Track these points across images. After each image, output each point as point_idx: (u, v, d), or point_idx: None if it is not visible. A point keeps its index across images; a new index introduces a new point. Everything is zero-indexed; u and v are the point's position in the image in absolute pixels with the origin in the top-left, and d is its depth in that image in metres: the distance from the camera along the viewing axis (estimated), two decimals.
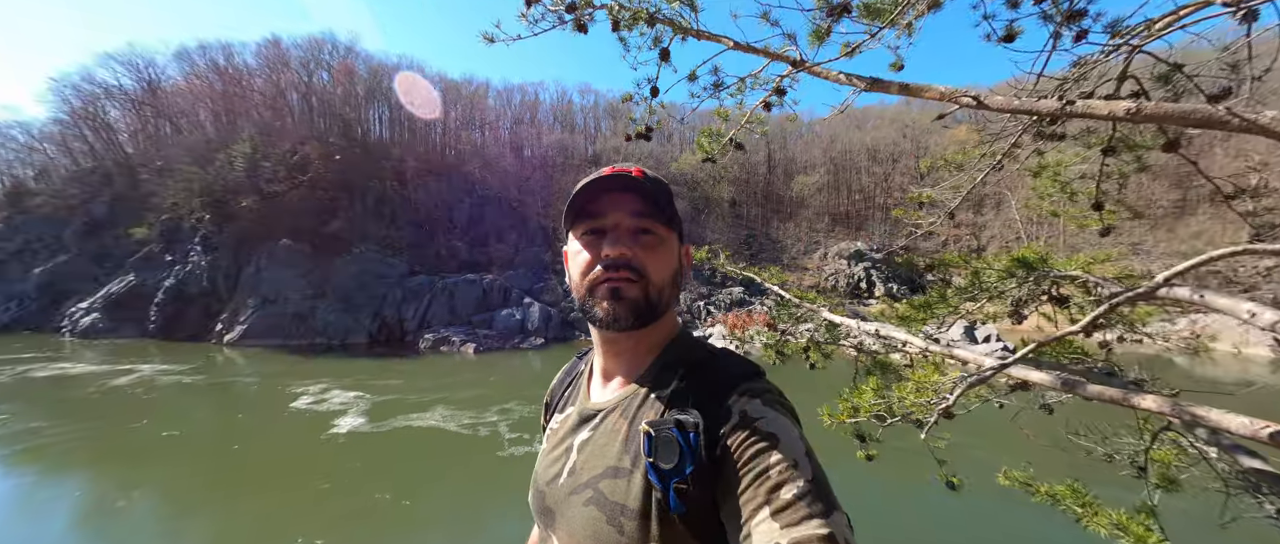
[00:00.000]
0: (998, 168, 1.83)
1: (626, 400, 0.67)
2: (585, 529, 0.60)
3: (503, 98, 52.03)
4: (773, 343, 2.29)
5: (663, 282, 0.67)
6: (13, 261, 31.84)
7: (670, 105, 2.06)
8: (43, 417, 14.71)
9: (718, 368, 0.65)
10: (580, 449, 0.68)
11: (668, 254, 0.69)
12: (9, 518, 9.34)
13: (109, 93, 41.28)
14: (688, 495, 0.54)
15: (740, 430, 0.56)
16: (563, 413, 0.78)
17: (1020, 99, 1.16)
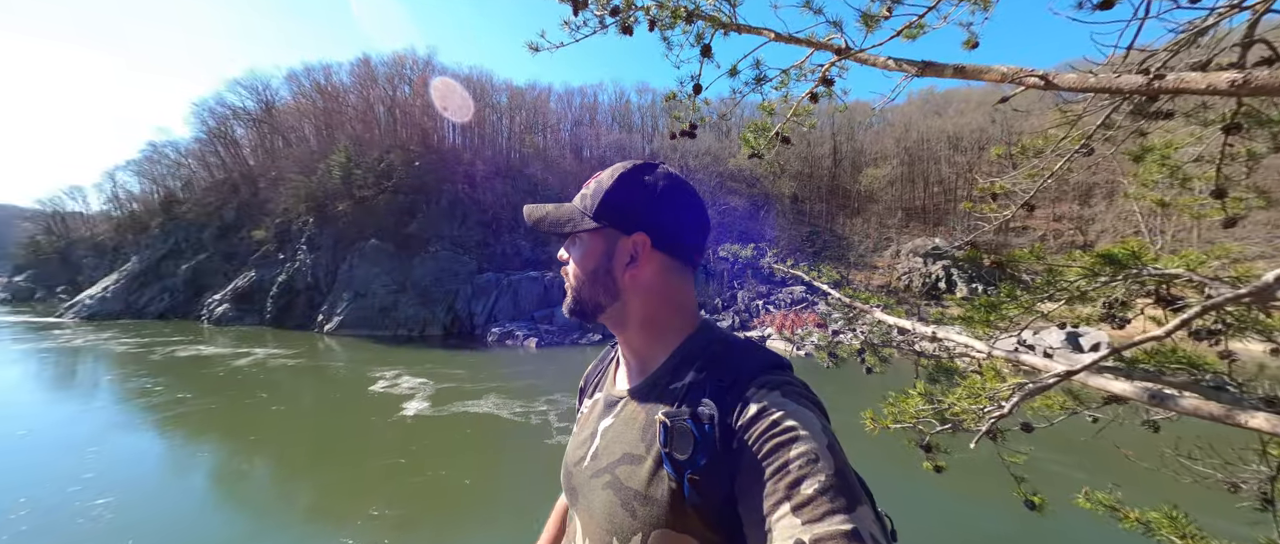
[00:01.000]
0: (1086, 152, 1.60)
1: (644, 390, 0.68)
2: (602, 511, 0.62)
3: (564, 101, 53.81)
4: (825, 344, 2.18)
5: (580, 282, 0.71)
6: (166, 260, 38.00)
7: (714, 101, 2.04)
8: (186, 389, 17.53)
9: (736, 360, 0.64)
10: (603, 434, 0.70)
11: (584, 255, 0.71)
12: (165, 473, 11.39)
13: (235, 113, 47.98)
14: (702, 487, 0.54)
15: (759, 422, 0.54)
16: (592, 398, 0.81)
17: (1096, 75, 1.01)
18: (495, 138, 47.36)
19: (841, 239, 39.53)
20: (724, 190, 41.66)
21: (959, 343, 1.55)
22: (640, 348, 0.71)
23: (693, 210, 0.70)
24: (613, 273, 0.68)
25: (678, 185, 0.69)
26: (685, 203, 0.69)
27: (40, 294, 45.73)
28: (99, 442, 13.10)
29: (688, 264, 0.71)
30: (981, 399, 1.48)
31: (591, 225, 0.69)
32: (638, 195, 0.68)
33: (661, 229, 0.67)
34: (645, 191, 0.68)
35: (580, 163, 45.01)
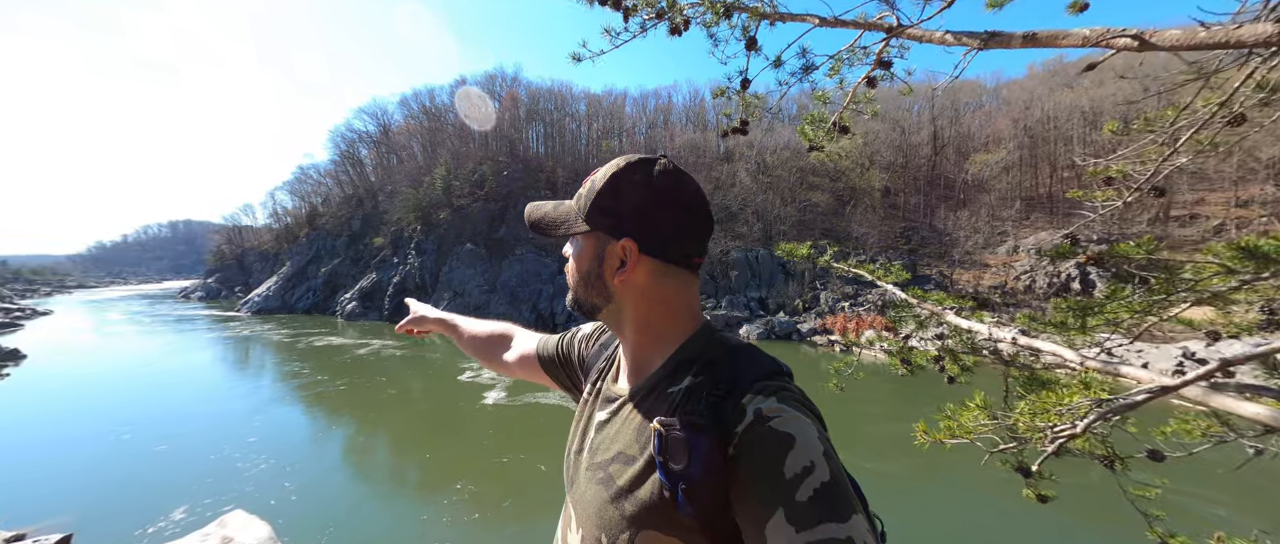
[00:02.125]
0: (1235, 122, 1.25)
1: (642, 393, 0.67)
2: (593, 506, 0.63)
3: (639, 104, 54.84)
4: (895, 349, 1.96)
5: (576, 282, 0.71)
6: (310, 264, 45.10)
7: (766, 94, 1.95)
8: (322, 372, 20.72)
9: (735, 365, 0.62)
10: (599, 429, 0.70)
11: (580, 258, 0.71)
12: (307, 446, 13.73)
13: (360, 137, 55.61)
14: (696, 496, 0.53)
15: (755, 429, 0.53)
16: (592, 385, 0.81)
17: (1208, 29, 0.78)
18: (574, 144, 49.59)
19: (943, 235, 35.43)
20: (805, 186, 39.49)
21: (1047, 350, 1.30)
22: (637, 350, 0.70)
23: (688, 211, 0.66)
24: (603, 277, 0.67)
25: (671, 184, 0.65)
26: (679, 203, 0.65)
27: (224, 293, 56.71)
28: (262, 412, 16.14)
29: (685, 267, 0.68)
30: (1049, 415, 1.25)
31: (583, 228, 0.68)
32: (627, 197, 0.65)
33: (650, 233, 0.65)
34: (635, 193, 0.65)
35: None
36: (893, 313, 2.00)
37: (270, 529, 3.73)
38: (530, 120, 49.58)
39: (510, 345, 1.11)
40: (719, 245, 32.87)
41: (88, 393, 18.01)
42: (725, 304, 29.66)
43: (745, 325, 27.83)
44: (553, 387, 1.00)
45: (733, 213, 38.51)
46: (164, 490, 10.38)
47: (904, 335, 1.97)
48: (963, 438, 1.38)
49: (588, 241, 0.69)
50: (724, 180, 41.23)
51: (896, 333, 2.02)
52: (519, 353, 1.07)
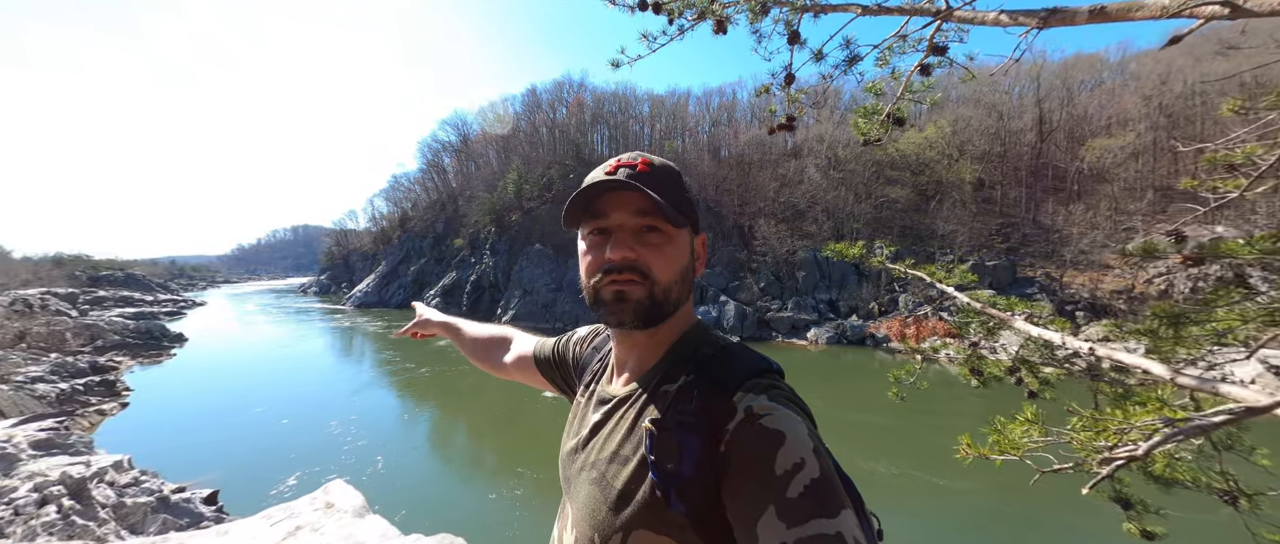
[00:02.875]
0: None
1: (635, 393, 0.68)
2: (586, 505, 0.63)
3: (702, 103, 54.18)
4: (964, 358, 1.77)
5: (670, 281, 0.65)
6: (402, 264, 49.88)
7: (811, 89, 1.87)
8: (411, 361, 22.83)
9: (726, 364, 0.63)
10: (593, 430, 0.71)
11: (675, 251, 0.66)
12: (396, 425, 15.39)
13: (444, 147, 60.53)
14: (688, 495, 0.54)
15: (745, 427, 0.54)
16: (586, 387, 0.82)
17: None
18: (637, 145, 50.18)
19: (1050, 231, 31.14)
20: (882, 180, 36.64)
21: (1130, 364, 1.10)
22: (643, 345, 0.71)
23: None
24: (695, 272, 0.69)
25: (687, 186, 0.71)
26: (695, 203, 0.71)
27: (333, 288, 64.49)
28: (361, 393, 18.24)
29: None
30: (1107, 433, 1.06)
31: (683, 221, 0.67)
32: (687, 195, 0.69)
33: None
34: (687, 192, 0.69)
35: (717, 164, 44.69)
36: (958, 318, 1.82)
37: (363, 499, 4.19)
38: (595, 124, 50.96)
39: (508, 348, 1.13)
40: (785, 245, 31.52)
41: (230, 372, 21.44)
42: (791, 306, 28.38)
43: (813, 329, 26.46)
44: (548, 389, 1.01)
45: (800, 210, 36.80)
46: (285, 457, 12.10)
47: (971, 343, 1.78)
48: (1011, 455, 1.22)
49: (684, 236, 0.69)
50: (791, 177, 39.52)
51: (962, 339, 1.83)
52: (516, 355, 1.09)
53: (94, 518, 7.93)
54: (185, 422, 14.85)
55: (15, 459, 9.19)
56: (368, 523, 4.42)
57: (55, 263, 55.75)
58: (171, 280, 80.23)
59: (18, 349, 20.50)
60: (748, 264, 32.37)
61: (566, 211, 0.68)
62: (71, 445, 10.99)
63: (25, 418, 13.51)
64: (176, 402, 16.99)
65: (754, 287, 30.00)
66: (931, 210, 34.18)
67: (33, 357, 19.42)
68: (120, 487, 9.24)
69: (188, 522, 8.93)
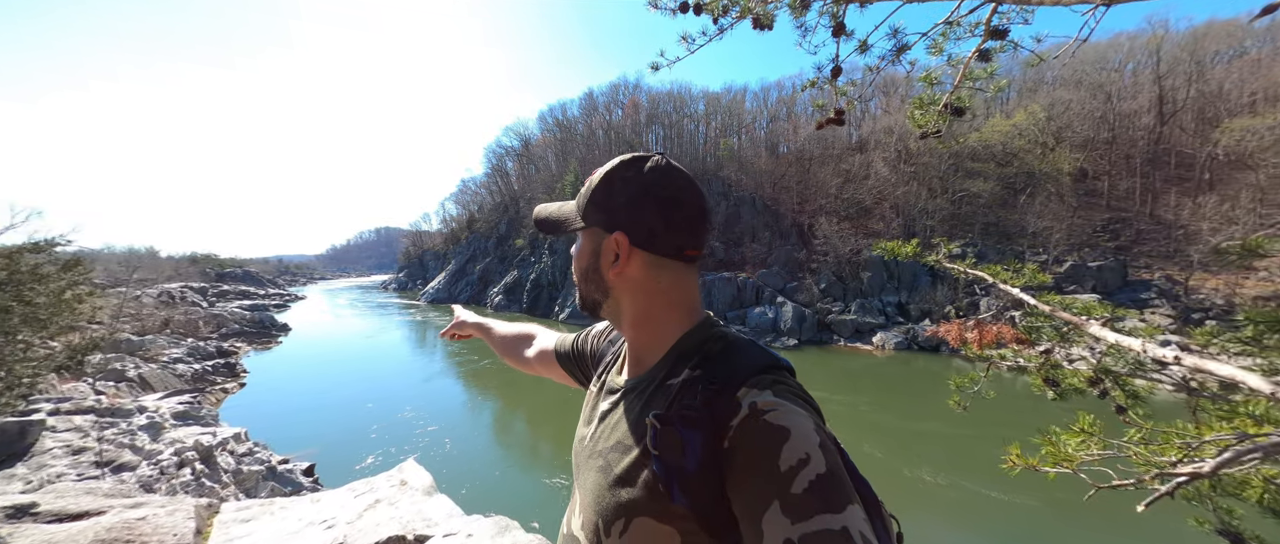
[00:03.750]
0: None
1: (641, 385, 0.69)
2: (592, 492, 0.65)
3: (759, 98, 52.68)
4: (1037, 365, 1.58)
5: (578, 280, 0.74)
6: (469, 263, 53.14)
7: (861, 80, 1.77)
8: (476, 354, 24.22)
9: (731, 359, 0.63)
10: (602, 419, 0.72)
11: (578, 253, 0.74)
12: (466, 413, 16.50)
13: (507, 151, 63.70)
14: (690, 488, 0.54)
15: (750, 422, 0.54)
16: (599, 379, 0.84)
17: None
18: (692, 144, 49.80)
19: (1172, 227, 26.92)
20: (961, 174, 33.57)
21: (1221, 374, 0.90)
22: (636, 343, 0.71)
23: (676, 204, 0.67)
24: (600, 271, 0.70)
25: (660, 179, 0.67)
26: (667, 196, 0.66)
27: (409, 285, 70.10)
28: (431, 381, 19.73)
29: (678, 259, 0.68)
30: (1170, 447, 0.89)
31: (580, 225, 0.71)
32: (619, 192, 0.68)
33: (640, 226, 0.66)
34: (626, 188, 0.67)
35: (775, 160, 43.24)
36: (1027, 322, 1.64)
37: (432, 479, 4.51)
38: (650, 124, 51.21)
39: (532, 345, 1.17)
40: (848, 244, 29.84)
41: (325, 358, 24.02)
42: (855, 308, 26.79)
43: (880, 333, 24.83)
44: (570, 383, 1.04)
45: (866, 207, 34.68)
46: (367, 437, 13.40)
47: (1042, 350, 1.60)
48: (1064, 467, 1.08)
49: (586, 238, 0.72)
50: (856, 172, 37.34)
51: (1032, 345, 1.65)
52: (539, 350, 1.14)
53: (218, 481, 9.24)
54: (289, 401, 16.86)
55: (161, 427, 10.90)
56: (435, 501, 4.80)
57: (190, 261, 65.41)
58: (278, 277, 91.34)
59: (163, 334, 24.30)
60: (807, 264, 31.02)
61: None
62: (202, 418, 12.86)
63: (168, 392, 15.98)
64: (282, 383, 19.34)
65: (814, 288, 28.68)
66: (1021, 205, 30.81)
67: (174, 341, 22.91)
68: (238, 455, 10.68)
69: (290, 490, 10.14)
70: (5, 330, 4.18)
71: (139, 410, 11.63)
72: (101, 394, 13.71)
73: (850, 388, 17.67)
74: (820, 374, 20.06)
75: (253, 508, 4.29)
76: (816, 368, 21.02)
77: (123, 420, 10.54)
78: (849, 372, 20.42)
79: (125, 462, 8.66)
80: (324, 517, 3.97)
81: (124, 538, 3.19)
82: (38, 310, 4.43)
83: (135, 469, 8.52)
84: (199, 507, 3.98)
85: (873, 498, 0.59)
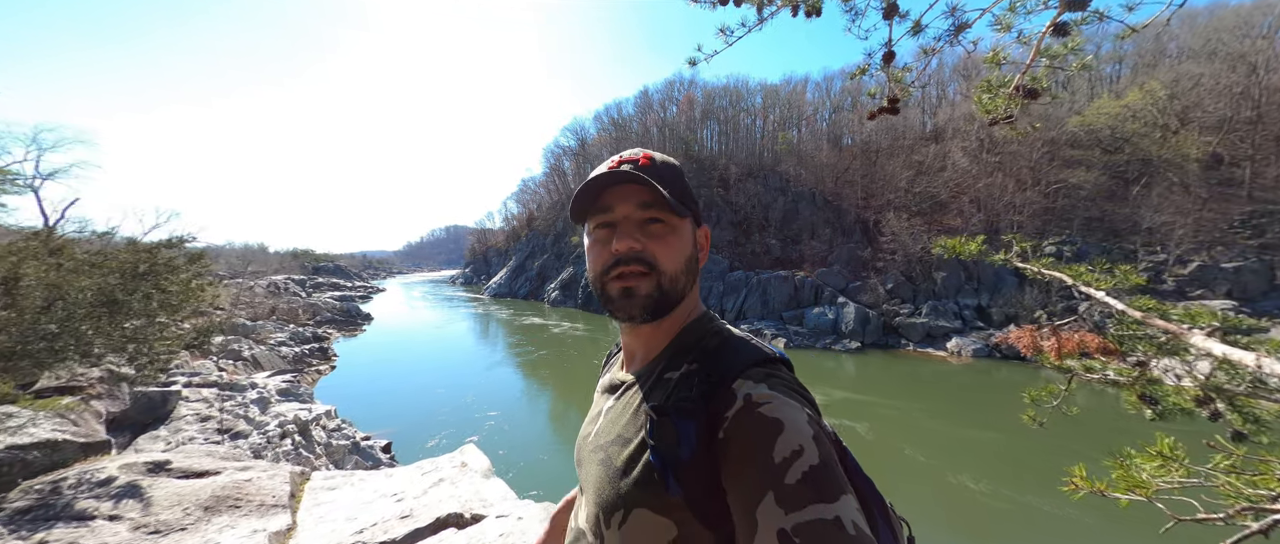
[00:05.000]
0: None
1: (641, 379, 0.71)
2: (594, 484, 0.67)
3: (821, 89, 50.15)
4: (1131, 380, 1.35)
5: (675, 271, 0.67)
6: (528, 259, 55.47)
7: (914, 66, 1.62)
8: (531, 344, 25.29)
9: (728, 353, 0.64)
10: (605, 414, 0.74)
11: (680, 242, 0.68)
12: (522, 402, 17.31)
13: (564, 151, 65.66)
14: (686, 479, 0.56)
15: (745, 415, 0.55)
16: (604, 378, 0.86)
17: None
18: (749, 139, 48.47)
19: None
20: (1058, 162, 29.89)
21: None
22: (649, 336, 0.73)
23: None
24: (696, 262, 0.71)
25: None
26: None
27: (474, 280, 74.53)
28: (492, 369, 20.92)
29: None
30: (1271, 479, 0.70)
31: (686, 213, 0.69)
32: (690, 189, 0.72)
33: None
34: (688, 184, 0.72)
35: (838, 153, 40.96)
36: (1116, 331, 1.43)
37: (489, 462, 4.80)
38: (705, 119, 50.50)
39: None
40: (919, 241, 27.68)
41: (402, 346, 26.20)
42: (926, 311, 24.79)
43: (955, 338, 22.81)
44: None
45: (941, 202, 31.97)
46: (436, 419, 14.45)
47: (1135, 362, 1.38)
48: (1139, 495, 0.91)
49: (686, 227, 0.70)
50: (930, 163, 34.51)
51: (1123, 357, 1.43)
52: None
53: (312, 452, 10.39)
54: (371, 384, 18.59)
55: (268, 402, 12.43)
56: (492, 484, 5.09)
57: (292, 256, 73.85)
58: (362, 270, 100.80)
59: (270, 319, 27.67)
60: (872, 263, 29.16)
61: (573, 206, 0.69)
62: (301, 395, 14.51)
63: (274, 371, 18.17)
64: (365, 367, 21.36)
65: (879, 288, 26.91)
66: (1134, 198, 26.94)
67: (278, 326, 26.00)
68: (329, 430, 11.94)
69: (371, 464, 11.20)
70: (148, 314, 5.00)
71: (251, 386, 13.36)
72: (223, 371, 15.88)
73: (911, 395, 16.52)
74: (883, 379, 18.85)
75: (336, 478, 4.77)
76: (880, 373, 19.75)
77: (238, 394, 12.15)
78: (916, 378, 19.01)
79: (240, 430, 9.99)
80: (395, 491, 4.33)
81: (233, 496, 3.69)
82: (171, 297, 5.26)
83: (247, 437, 9.80)
84: (294, 473, 4.49)
85: (876, 496, 0.60)
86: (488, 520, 3.49)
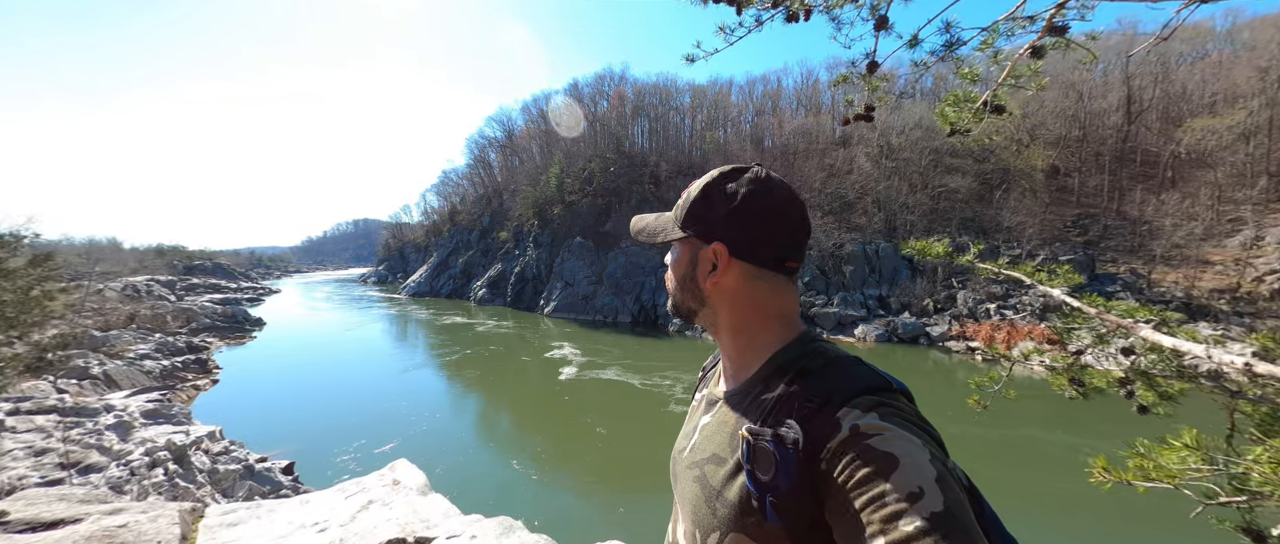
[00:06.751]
0: None
1: (736, 397, 0.68)
2: (690, 502, 0.65)
3: (745, 92, 52.79)
4: (1062, 366, 1.59)
5: (673, 288, 0.75)
6: (451, 255, 52.18)
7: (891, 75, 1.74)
8: (458, 345, 23.94)
9: (832, 377, 0.59)
10: (701, 430, 0.72)
11: (675, 262, 0.75)
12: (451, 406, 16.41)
13: (490, 142, 62.50)
14: (784, 510, 0.53)
15: (850, 447, 0.50)
16: (701, 392, 0.84)
17: None
18: (678, 137, 49.68)
19: (1136, 224, 28.11)
20: (940, 169, 34.34)
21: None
22: (733, 353, 0.72)
23: (778, 214, 0.67)
24: (696, 280, 0.71)
25: (762, 191, 0.68)
26: (768, 207, 0.67)
27: (389, 278, 68.62)
28: (413, 371, 19.51)
29: (778, 271, 0.68)
30: None
31: (679, 234, 0.72)
32: (718, 204, 0.69)
33: (739, 237, 0.67)
34: (726, 200, 0.68)
35: (761, 153, 43.48)
36: (1060, 323, 1.65)
37: (425, 478, 4.39)
38: (636, 116, 50.84)
39: None
40: (832, 238, 30.33)
41: (302, 354, 23.31)
42: (838, 302, 27.33)
43: (861, 325, 25.40)
44: None
45: (849, 202, 35.23)
46: (349, 432, 13.06)
47: (1074, 351, 1.61)
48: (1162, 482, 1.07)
49: (684, 247, 0.73)
50: (840, 167, 37.88)
51: (1063, 346, 1.66)
52: None
53: (193, 481, 8.89)
54: (265, 398, 16.33)
55: (130, 426, 10.44)
56: (431, 501, 4.69)
57: (157, 253, 62.63)
58: (251, 269, 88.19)
59: (129, 329, 23.24)
60: None
61: None
62: (174, 416, 12.36)
63: (136, 390, 15.30)
64: (257, 380, 18.71)
65: (798, 282, 29.17)
66: (996, 201, 31.72)
67: (140, 336, 21.94)
68: (214, 454, 10.30)
69: (269, 489, 9.85)
70: None
71: (106, 409, 11.12)
72: (64, 392, 13.05)
73: None
74: None
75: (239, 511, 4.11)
76: None
77: (88, 420, 10.06)
78: None
79: (93, 463, 8.27)
80: (316, 519, 3.82)
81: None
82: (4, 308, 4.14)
83: (103, 470, 8.14)
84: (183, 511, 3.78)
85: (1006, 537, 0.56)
86: (436, 542, 3.20)
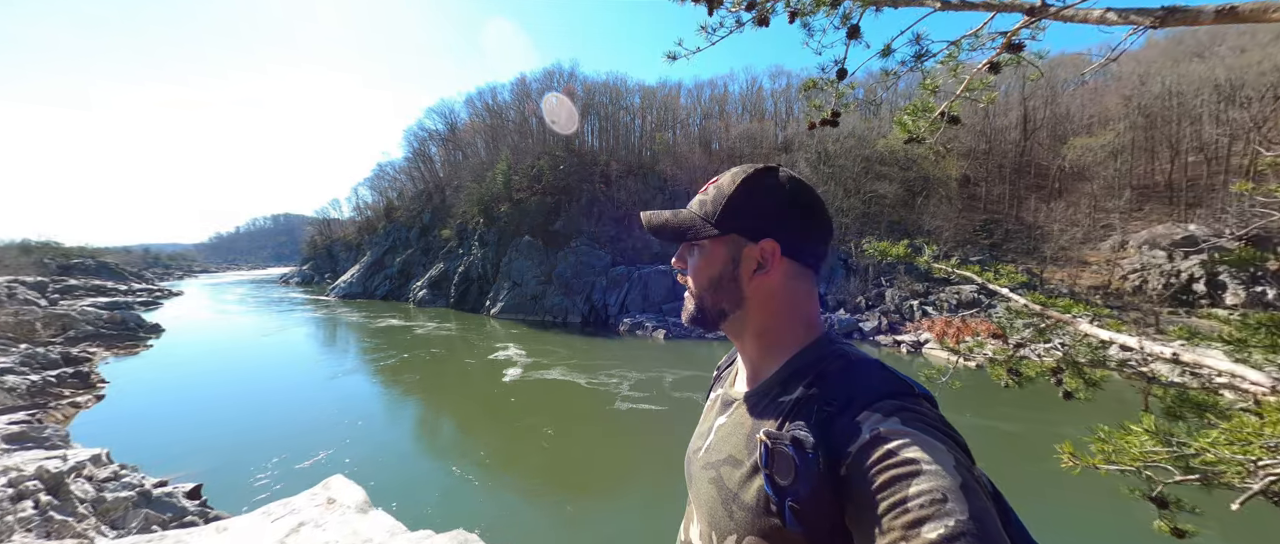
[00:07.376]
0: None
1: (754, 398, 0.67)
2: (707, 504, 0.64)
3: (693, 95, 53.89)
4: (1002, 358, 1.77)
5: (702, 290, 0.70)
6: (387, 254, 48.92)
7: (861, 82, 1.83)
8: (394, 349, 22.59)
9: (852, 380, 0.58)
10: (717, 431, 0.71)
11: (706, 262, 0.70)
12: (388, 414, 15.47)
13: (430, 135, 59.22)
14: (804, 515, 0.51)
15: (872, 452, 0.49)
16: (716, 392, 0.83)
17: None
18: (628, 138, 49.78)
19: (1032, 228, 31.93)
20: (871, 176, 37.02)
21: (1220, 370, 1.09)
22: (754, 356, 0.70)
23: (814, 213, 0.67)
24: (738, 280, 0.68)
25: (803, 188, 0.68)
26: (812, 207, 0.67)
27: (316, 279, 63.11)
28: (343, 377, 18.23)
29: (814, 269, 0.68)
30: (1255, 448, 1.05)
31: (713, 233, 0.69)
32: (764, 200, 0.67)
33: (788, 235, 0.66)
34: (771, 197, 0.67)
35: (708, 156, 44.61)
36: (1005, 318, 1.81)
37: (365, 494, 4.08)
38: (585, 114, 50.32)
39: None
40: None
41: (210, 364, 20.85)
42: None
43: None
44: None
45: None
46: (266, 448, 11.82)
47: (1015, 344, 1.77)
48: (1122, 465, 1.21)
49: (718, 246, 0.69)
50: None
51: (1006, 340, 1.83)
52: None
53: (73, 513, 7.66)
54: (164, 414, 14.42)
55: None
56: (372, 518, 4.32)
57: (22, 250, 53.35)
58: (146, 269, 77.42)
59: None
60: None
61: None
62: (46, 439, 10.60)
63: None
64: (154, 394, 16.47)
65: None
66: (918, 206, 34.66)
67: (0, 348, 18.61)
68: (99, 481, 8.94)
69: (171, 517, 8.71)
70: None
71: None
72: None
73: None
74: None
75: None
76: None
77: None
78: None
79: None
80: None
81: None
82: None
83: None
84: None
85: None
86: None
